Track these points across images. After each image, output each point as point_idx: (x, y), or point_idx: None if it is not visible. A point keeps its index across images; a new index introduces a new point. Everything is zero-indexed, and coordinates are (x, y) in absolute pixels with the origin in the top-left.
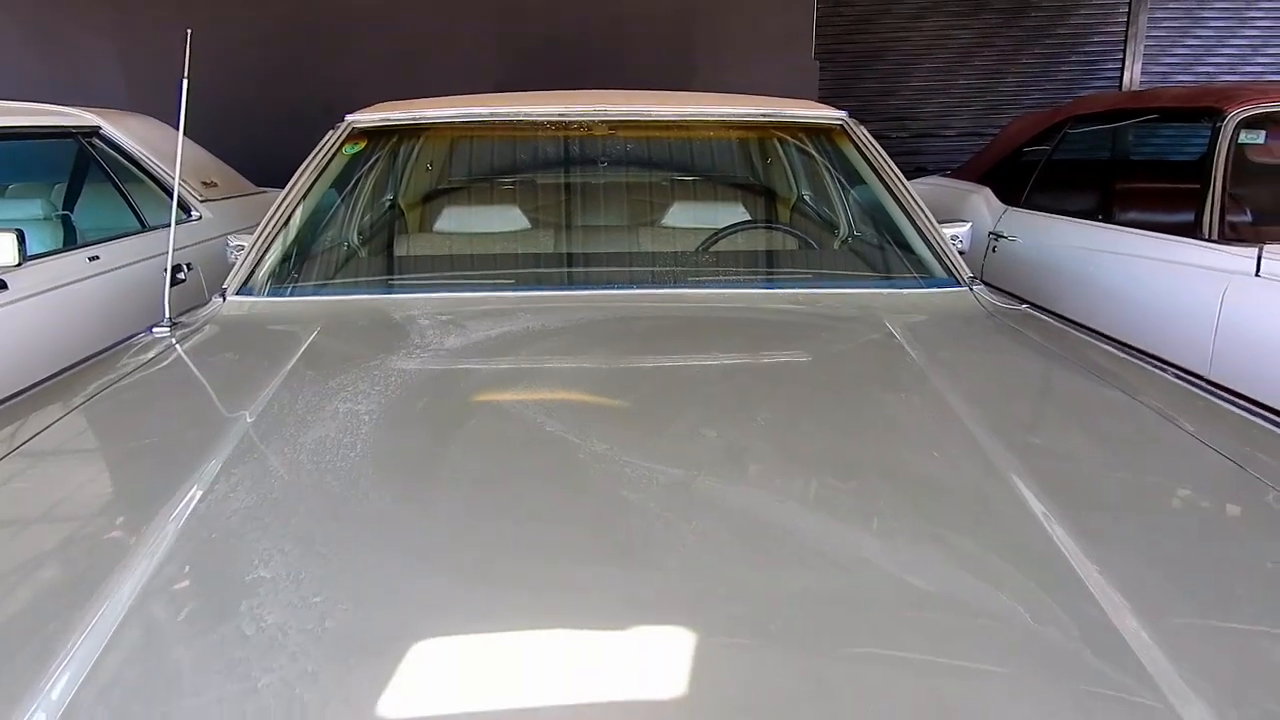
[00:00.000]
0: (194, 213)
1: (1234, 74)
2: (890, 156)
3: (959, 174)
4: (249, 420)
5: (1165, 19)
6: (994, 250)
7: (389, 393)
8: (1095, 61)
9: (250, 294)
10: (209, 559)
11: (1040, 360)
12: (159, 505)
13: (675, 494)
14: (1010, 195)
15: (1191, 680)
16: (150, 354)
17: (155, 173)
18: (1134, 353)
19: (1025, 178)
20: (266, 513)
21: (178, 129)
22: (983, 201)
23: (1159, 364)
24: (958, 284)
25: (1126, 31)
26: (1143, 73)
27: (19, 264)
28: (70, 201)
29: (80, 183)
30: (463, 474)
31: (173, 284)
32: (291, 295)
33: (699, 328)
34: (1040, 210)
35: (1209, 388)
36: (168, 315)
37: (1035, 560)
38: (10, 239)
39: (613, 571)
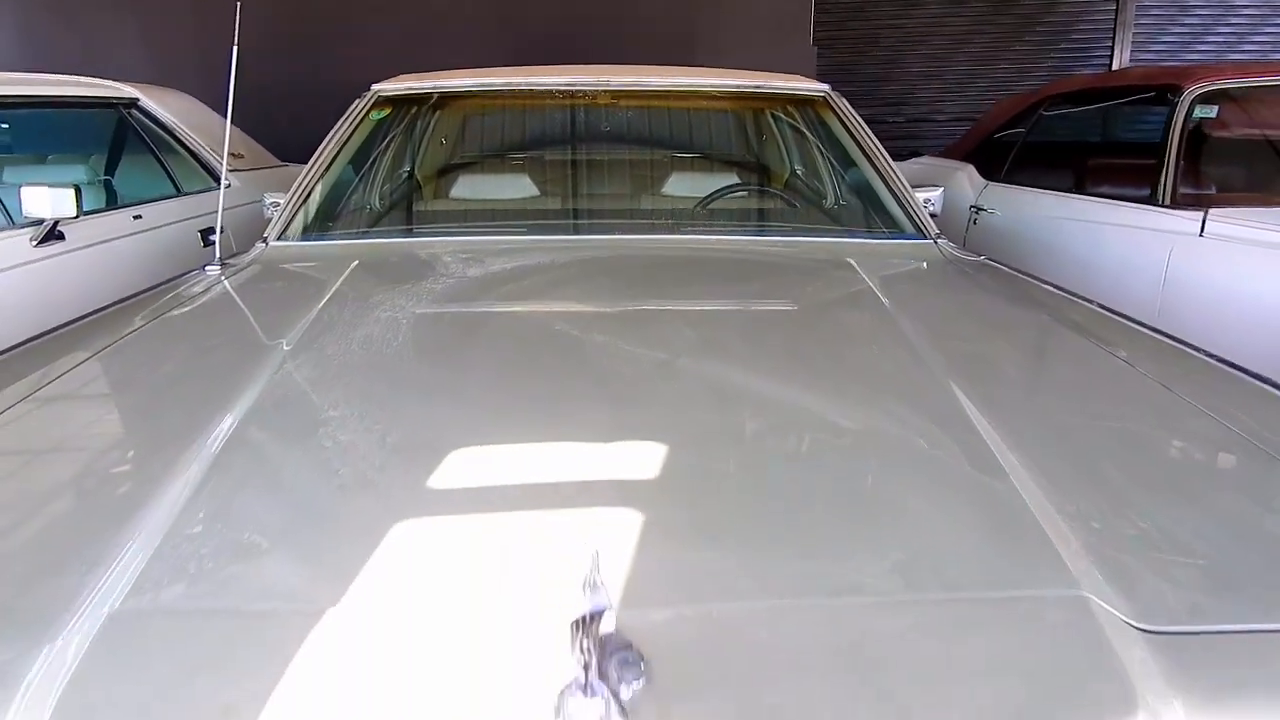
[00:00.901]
0: (223, 181)
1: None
2: (887, 140)
3: (946, 153)
4: (306, 324)
5: (1153, 6)
6: (975, 223)
7: (422, 303)
8: (1085, 48)
9: (289, 240)
10: (287, 408)
11: (986, 295)
12: (241, 377)
13: (659, 368)
14: (991, 172)
15: (1035, 475)
16: (209, 283)
17: (188, 143)
18: (1071, 293)
19: (1005, 155)
20: (330, 379)
21: (227, 96)
22: (966, 178)
23: (1089, 301)
24: (924, 237)
25: (1116, 18)
26: (1131, 59)
27: (76, 216)
28: (111, 168)
29: (120, 150)
30: (489, 353)
31: (205, 244)
32: (326, 240)
33: (689, 263)
34: (1017, 185)
35: (1128, 317)
36: (219, 256)
37: (941, 415)
38: (70, 193)
39: (607, 410)
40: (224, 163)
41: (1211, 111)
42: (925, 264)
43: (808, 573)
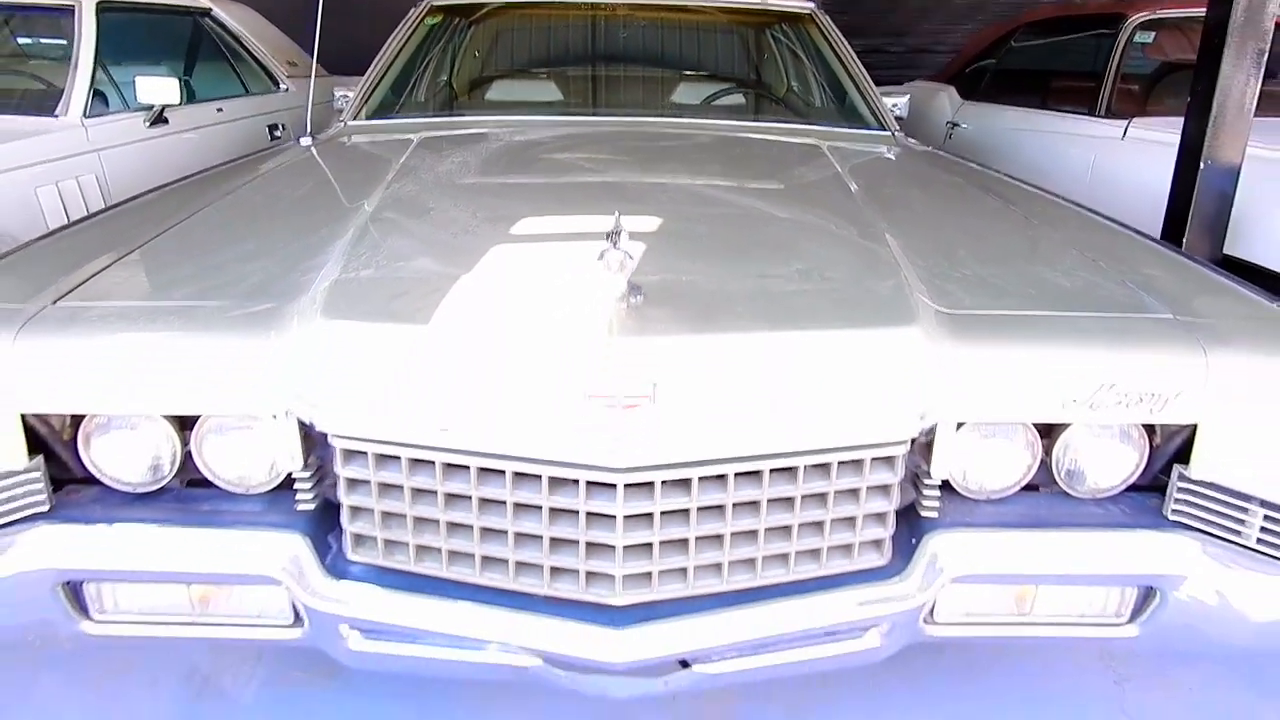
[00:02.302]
0: (282, 85)
1: None
2: (888, 69)
3: (934, 78)
4: (398, 166)
5: None
6: (950, 137)
7: (481, 152)
8: None
9: (362, 119)
10: (403, 204)
11: (920, 166)
12: (363, 191)
13: (657, 186)
14: (967, 92)
15: (905, 248)
16: (304, 150)
17: (252, 49)
18: (988, 167)
19: (980, 78)
20: (426, 191)
21: (317, 14)
22: (946, 98)
23: (998, 171)
24: (884, 130)
25: None
26: None
27: (180, 103)
28: (188, 69)
29: (195, 54)
30: (535, 175)
31: (272, 138)
32: (393, 119)
33: (687, 137)
34: (986, 103)
35: (1023, 180)
36: (309, 130)
37: (852, 216)
38: (175, 83)
39: (620, 201)
40: (313, 64)
41: (1149, 37)
42: (880, 148)
43: (738, 267)
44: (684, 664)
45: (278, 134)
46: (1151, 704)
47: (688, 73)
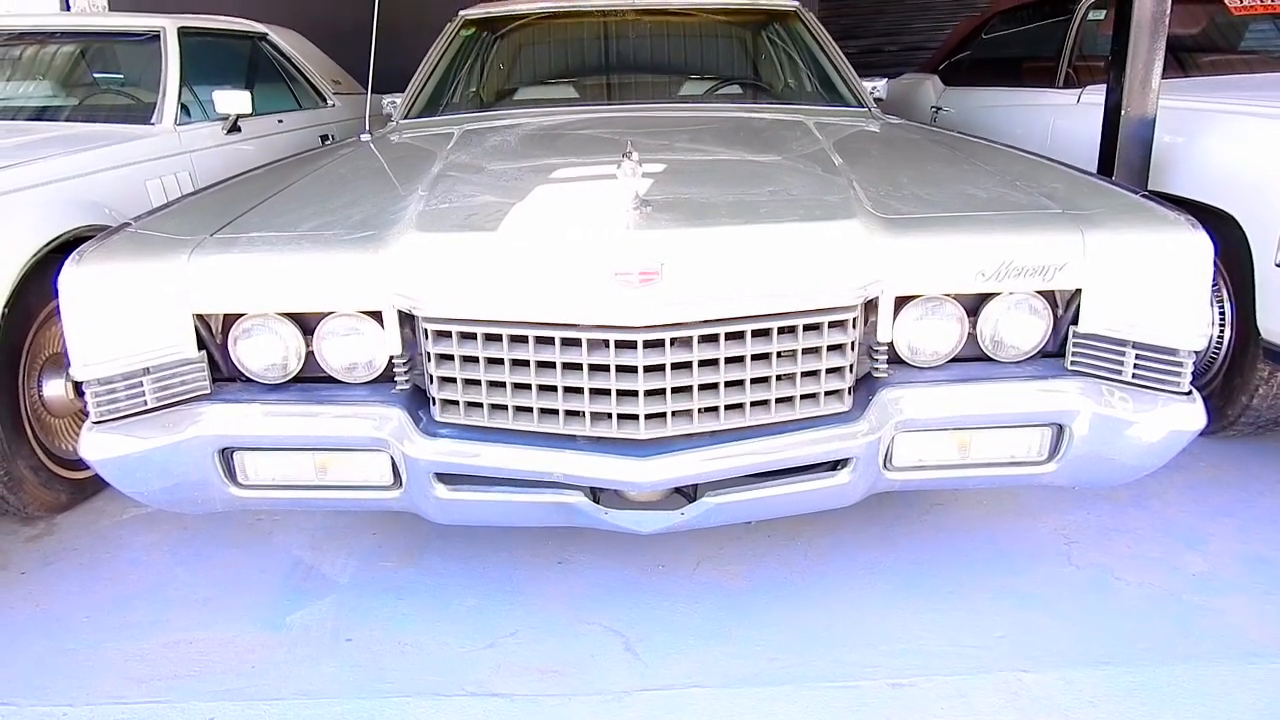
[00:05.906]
0: (329, 101)
1: None
2: (882, 66)
3: (921, 69)
4: (450, 146)
5: None
6: (934, 120)
7: (517, 134)
8: None
9: (411, 118)
10: (461, 168)
11: (889, 130)
12: (426, 162)
13: (664, 147)
14: (948, 80)
15: (862, 182)
16: (364, 144)
17: (302, 69)
18: (948, 129)
19: (960, 67)
20: (477, 160)
21: (371, 36)
22: (931, 85)
23: (955, 131)
24: (862, 107)
25: None
26: None
27: (251, 113)
28: (248, 86)
29: (254, 73)
30: (565, 149)
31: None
32: (439, 116)
33: (689, 117)
34: (965, 87)
35: (977, 136)
36: (368, 128)
37: (822, 162)
38: (247, 95)
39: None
40: (369, 83)
41: (1101, 14)
42: (859, 122)
43: (725, 188)
44: (691, 499)
45: (327, 143)
46: (1094, 557)
47: (693, 76)
